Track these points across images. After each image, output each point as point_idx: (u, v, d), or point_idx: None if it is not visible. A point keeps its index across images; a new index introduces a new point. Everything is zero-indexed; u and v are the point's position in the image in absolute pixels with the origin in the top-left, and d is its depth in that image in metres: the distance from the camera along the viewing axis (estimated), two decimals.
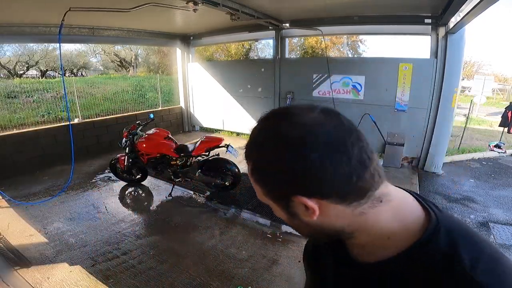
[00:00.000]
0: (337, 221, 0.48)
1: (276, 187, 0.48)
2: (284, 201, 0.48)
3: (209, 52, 17.33)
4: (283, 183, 0.46)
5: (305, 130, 0.44)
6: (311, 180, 0.44)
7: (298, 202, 0.46)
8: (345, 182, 0.43)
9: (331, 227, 0.49)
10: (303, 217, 0.48)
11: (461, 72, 4.67)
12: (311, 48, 15.39)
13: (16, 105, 7.66)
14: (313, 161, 0.42)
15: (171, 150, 3.92)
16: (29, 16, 4.23)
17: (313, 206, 0.45)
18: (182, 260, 2.67)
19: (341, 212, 0.47)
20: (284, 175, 0.45)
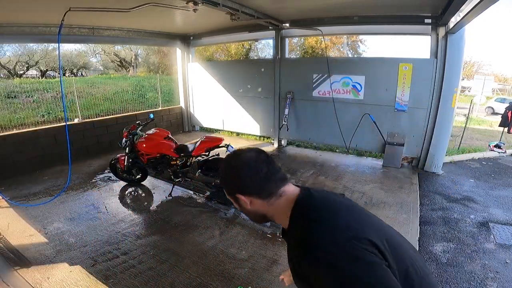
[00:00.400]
0: (260, 209, 0.93)
1: (230, 190, 0.94)
2: (234, 197, 0.93)
3: (209, 52, 17.34)
4: (232, 188, 0.93)
5: (240, 161, 0.92)
6: (242, 186, 0.90)
7: (239, 197, 0.91)
8: (258, 187, 0.89)
9: (260, 213, 0.94)
10: (245, 206, 0.93)
11: (461, 72, 4.67)
12: (311, 48, 15.40)
13: (16, 105, 7.66)
14: (242, 176, 0.89)
15: (171, 150, 3.92)
16: (29, 16, 4.23)
17: (245, 200, 0.91)
18: (182, 260, 2.67)
19: (260, 204, 0.91)
20: (232, 184, 0.94)
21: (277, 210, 0.91)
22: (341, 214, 0.84)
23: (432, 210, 3.76)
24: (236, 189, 0.91)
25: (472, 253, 2.86)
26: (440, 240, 3.09)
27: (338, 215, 0.82)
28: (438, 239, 3.11)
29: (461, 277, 2.51)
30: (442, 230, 3.28)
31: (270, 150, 6.38)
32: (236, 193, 0.91)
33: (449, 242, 3.05)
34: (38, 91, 8.36)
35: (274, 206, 0.90)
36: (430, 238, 3.13)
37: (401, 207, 3.73)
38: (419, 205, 3.84)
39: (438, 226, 3.37)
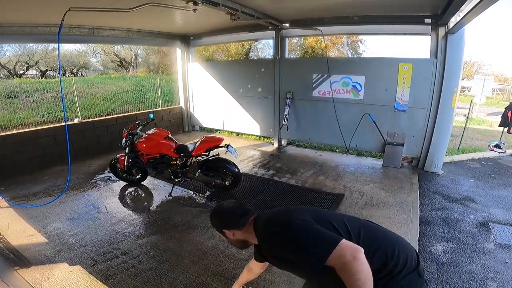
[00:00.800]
0: (240, 237, 1.46)
1: (218, 228, 1.50)
2: (222, 232, 1.48)
3: (209, 52, 17.35)
4: (219, 226, 1.49)
5: (223, 209, 1.53)
6: (227, 224, 1.46)
7: (225, 232, 1.46)
8: (237, 223, 1.44)
9: (240, 240, 1.48)
10: (231, 238, 1.47)
11: (461, 72, 4.67)
12: (311, 48, 15.40)
13: (16, 105, 7.66)
14: (226, 219, 1.48)
15: (171, 150, 3.92)
16: (29, 16, 4.23)
17: (230, 233, 1.46)
18: (182, 260, 2.67)
19: (240, 233, 1.45)
20: (220, 224, 1.49)
21: (249, 233, 1.41)
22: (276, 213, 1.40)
23: (432, 210, 3.76)
24: (223, 227, 1.45)
25: (472, 253, 2.86)
26: (440, 240, 3.09)
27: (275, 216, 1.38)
28: (438, 239, 3.11)
29: (461, 277, 2.51)
30: (442, 230, 3.28)
31: (270, 150, 6.38)
32: (223, 229, 1.45)
33: (449, 242, 3.05)
34: (38, 91, 8.37)
35: (248, 232, 1.41)
36: (430, 238, 3.13)
37: (401, 207, 3.73)
38: (419, 205, 3.84)
39: (438, 226, 3.37)
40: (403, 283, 1.16)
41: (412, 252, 1.25)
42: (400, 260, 1.18)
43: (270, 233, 1.28)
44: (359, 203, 3.84)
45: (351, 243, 1.07)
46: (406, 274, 1.17)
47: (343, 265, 1.02)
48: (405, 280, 1.16)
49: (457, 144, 6.66)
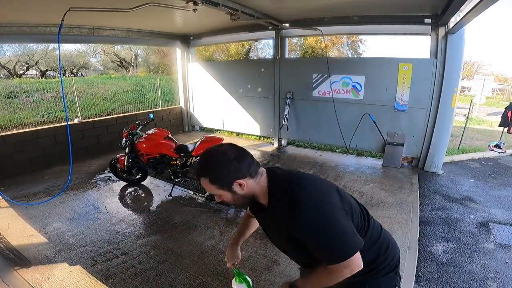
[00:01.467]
0: (251, 190, 1.07)
1: (226, 180, 1.03)
2: (229, 186, 1.04)
3: (209, 52, 17.34)
4: (228, 176, 1.02)
5: (227, 154, 1.03)
6: (238, 171, 1.02)
7: (236, 183, 1.04)
8: (249, 169, 1.05)
9: (250, 194, 1.08)
10: (239, 192, 1.06)
11: (461, 72, 4.67)
12: (311, 48, 15.39)
13: (16, 105, 7.66)
14: (235, 164, 1.02)
15: (171, 150, 3.92)
16: (29, 16, 4.23)
17: (243, 182, 1.04)
18: (182, 260, 2.67)
19: (252, 184, 1.06)
20: (228, 173, 1.02)
21: (260, 188, 1.09)
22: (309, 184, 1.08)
23: (432, 210, 3.76)
24: (234, 176, 1.03)
25: (472, 253, 2.86)
26: (440, 240, 3.09)
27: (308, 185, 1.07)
28: (438, 239, 3.11)
29: (461, 277, 2.51)
30: (442, 230, 3.28)
31: (270, 150, 6.38)
32: (234, 180, 1.03)
33: (449, 242, 3.05)
34: (38, 91, 8.37)
35: (259, 184, 1.09)
36: (430, 238, 3.13)
37: (401, 207, 3.73)
38: (419, 205, 3.84)
39: (438, 226, 3.37)
40: (382, 280, 1.18)
41: (398, 251, 1.28)
42: (389, 257, 1.20)
43: (291, 206, 1.00)
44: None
45: (359, 258, 1.01)
46: (388, 272, 1.19)
47: (337, 272, 1.01)
48: (385, 277, 1.19)
49: (457, 144, 6.66)
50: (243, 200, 1.10)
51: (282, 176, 1.10)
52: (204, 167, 1.05)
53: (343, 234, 0.98)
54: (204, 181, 1.05)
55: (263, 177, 1.09)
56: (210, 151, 1.07)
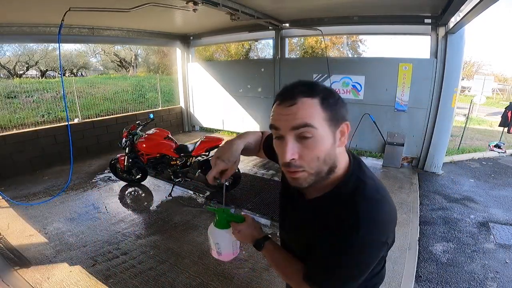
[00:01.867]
0: (339, 154, 0.73)
1: (339, 114, 0.70)
2: (337, 125, 0.70)
3: (209, 52, 17.34)
4: (344, 112, 0.71)
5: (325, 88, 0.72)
6: (347, 113, 0.72)
7: (343, 126, 0.71)
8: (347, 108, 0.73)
9: (331, 160, 0.71)
10: (336, 142, 0.71)
11: (461, 72, 4.67)
12: (311, 48, 15.38)
13: (16, 105, 7.67)
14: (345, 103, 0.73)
15: (171, 150, 3.92)
16: (29, 16, 4.23)
17: (346, 131, 0.72)
18: (182, 260, 2.67)
19: (340, 150, 0.74)
20: (345, 106, 0.72)
21: (340, 162, 0.75)
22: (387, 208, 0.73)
23: (432, 210, 3.76)
24: (346, 114, 0.72)
25: (472, 253, 2.86)
26: (440, 240, 3.09)
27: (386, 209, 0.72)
28: (438, 239, 3.11)
29: (461, 277, 2.51)
30: (442, 230, 3.29)
31: None
32: (344, 120, 0.71)
33: (449, 242, 3.05)
34: (38, 91, 8.37)
35: (341, 156, 0.75)
36: (430, 238, 3.13)
37: (401, 207, 3.72)
38: (419, 205, 3.84)
39: (438, 226, 3.37)
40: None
41: None
42: None
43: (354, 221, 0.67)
44: None
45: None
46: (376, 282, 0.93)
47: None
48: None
49: (457, 144, 6.66)
50: (328, 161, 0.71)
51: (368, 174, 0.77)
52: (314, 85, 0.70)
53: (352, 274, 0.72)
54: (309, 102, 0.67)
55: (346, 155, 0.78)
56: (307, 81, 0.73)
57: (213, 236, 1.08)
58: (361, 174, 0.76)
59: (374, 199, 0.72)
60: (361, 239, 0.67)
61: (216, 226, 1.06)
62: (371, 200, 0.71)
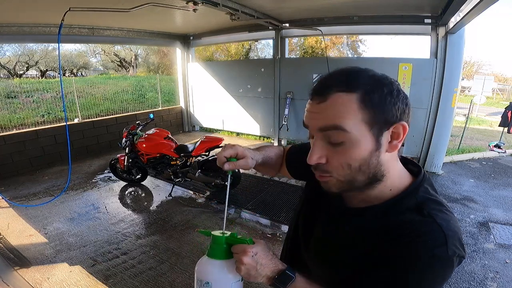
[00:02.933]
0: (390, 161, 0.59)
1: (390, 113, 0.54)
2: (384, 127, 0.55)
3: (209, 52, 17.34)
4: (399, 110, 0.55)
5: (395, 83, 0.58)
6: (407, 113, 0.57)
7: (398, 127, 0.56)
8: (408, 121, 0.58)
9: (372, 168, 0.57)
10: (384, 148, 0.57)
11: (461, 72, 4.67)
12: (311, 48, 15.39)
13: (16, 105, 7.67)
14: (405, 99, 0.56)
15: (171, 150, 3.92)
16: (29, 16, 4.23)
17: (402, 133, 0.56)
18: (182, 260, 2.67)
19: (390, 156, 0.59)
20: (402, 102, 0.55)
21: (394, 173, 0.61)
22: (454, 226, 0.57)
23: None
24: (401, 116, 0.56)
25: (472, 253, 2.86)
26: None
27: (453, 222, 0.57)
28: None
29: (461, 277, 2.51)
30: None
31: None
32: (399, 121, 0.56)
33: None
34: (38, 91, 8.37)
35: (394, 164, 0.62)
36: None
37: None
38: None
39: None
40: None
41: None
42: None
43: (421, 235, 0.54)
44: None
45: None
46: None
47: None
48: None
49: (457, 144, 6.66)
50: (366, 170, 0.57)
51: (431, 187, 0.63)
52: (356, 75, 0.57)
53: None
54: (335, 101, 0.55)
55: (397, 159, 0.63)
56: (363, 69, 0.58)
57: (203, 273, 0.64)
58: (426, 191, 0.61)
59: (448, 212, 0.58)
60: (444, 254, 0.54)
61: (210, 256, 0.65)
62: (447, 213, 0.57)
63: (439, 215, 0.56)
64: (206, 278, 0.63)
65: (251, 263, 0.59)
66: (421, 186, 0.61)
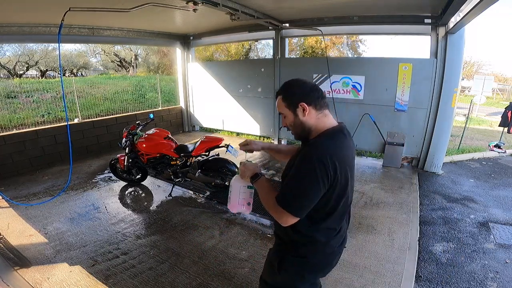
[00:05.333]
0: (310, 120, 1.21)
1: (294, 100, 1.20)
2: (294, 107, 1.20)
3: (209, 52, 17.34)
4: (298, 97, 1.19)
5: (306, 81, 1.24)
6: (307, 96, 1.19)
7: (301, 106, 1.18)
8: (316, 100, 1.20)
9: (308, 125, 1.21)
10: (300, 116, 1.20)
11: (461, 72, 4.67)
12: (311, 48, 15.39)
13: (16, 105, 7.67)
14: (309, 90, 1.21)
15: (171, 150, 3.92)
16: (29, 16, 4.23)
17: (306, 107, 1.18)
18: (182, 260, 2.67)
19: (313, 115, 1.20)
20: (299, 94, 1.19)
21: (318, 125, 1.21)
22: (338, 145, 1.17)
23: (432, 210, 3.76)
24: (302, 98, 1.19)
25: (472, 253, 2.86)
26: (440, 240, 3.09)
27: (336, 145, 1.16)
28: (438, 239, 3.11)
29: (461, 277, 2.52)
30: (442, 230, 3.29)
31: None
32: (300, 102, 1.18)
33: (449, 242, 3.05)
34: (38, 91, 8.38)
35: (319, 121, 1.22)
36: (430, 238, 3.13)
37: (401, 207, 3.73)
38: (419, 205, 3.84)
39: (438, 226, 3.37)
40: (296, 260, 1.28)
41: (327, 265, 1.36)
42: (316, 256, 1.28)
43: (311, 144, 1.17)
44: (359, 203, 3.84)
45: (289, 218, 1.13)
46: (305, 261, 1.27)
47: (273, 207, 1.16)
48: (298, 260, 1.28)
49: (457, 144, 6.66)
50: (300, 127, 1.22)
51: (339, 130, 1.22)
52: (283, 86, 1.24)
53: (300, 192, 1.10)
54: (279, 99, 1.25)
55: (325, 118, 1.23)
56: (294, 79, 1.26)
57: (231, 185, 1.44)
58: (326, 140, 1.17)
59: (323, 140, 1.17)
60: (314, 157, 1.09)
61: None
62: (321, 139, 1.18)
63: (319, 141, 1.17)
64: (230, 187, 1.45)
65: (243, 168, 1.37)
66: (327, 132, 1.19)
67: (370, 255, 2.74)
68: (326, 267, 1.35)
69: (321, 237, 1.22)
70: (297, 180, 1.12)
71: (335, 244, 1.28)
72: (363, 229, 3.20)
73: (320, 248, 1.25)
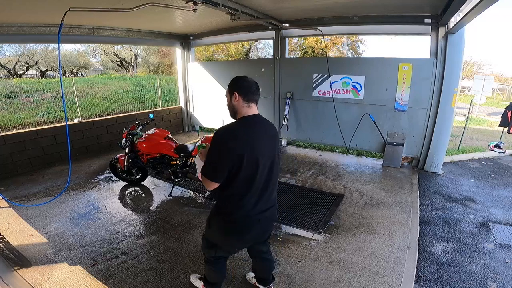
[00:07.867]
0: (238, 106, 1.63)
1: (233, 87, 1.63)
2: (231, 92, 1.63)
3: (209, 52, 17.35)
4: (235, 86, 1.63)
5: (246, 79, 1.66)
6: (241, 89, 1.62)
7: (235, 94, 1.61)
8: (246, 93, 1.61)
9: (236, 108, 1.64)
10: (232, 101, 1.63)
11: (461, 72, 4.67)
12: (311, 48, 15.40)
13: (16, 105, 7.67)
14: (244, 84, 1.64)
15: (171, 150, 3.92)
16: (29, 16, 4.23)
17: (237, 96, 1.61)
18: (182, 260, 2.67)
19: (240, 103, 1.62)
20: (235, 85, 1.64)
21: (241, 112, 1.62)
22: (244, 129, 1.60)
23: (432, 210, 3.76)
24: (237, 89, 1.60)
25: (472, 253, 2.86)
26: (440, 240, 3.09)
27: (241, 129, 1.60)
28: (438, 239, 3.11)
29: (461, 277, 2.52)
30: (442, 230, 3.29)
31: None
32: (234, 91, 1.60)
33: (449, 242, 3.05)
34: (38, 91, 8.38)
35: (242, 109, 1.62)
36: (430, 238, 3.13)
37: (401, 207, 3.73)
38: (419, 205, 3.84)
39: (438, 226, 3.37)
40: (219, 218, 1.76)
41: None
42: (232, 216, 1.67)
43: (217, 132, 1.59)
44: (359, 203, 3.84)
45: (211, 184, 1.56)
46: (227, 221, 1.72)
47: None
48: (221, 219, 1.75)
49: (457, 144, 6.66)
50: (231, 108, 1.66)
51: (251, 118, 1.64)
52: (233, 79, 1.65)
53: (211, 162, 1.56)
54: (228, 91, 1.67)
55: (248, 109, 1.62)
56: (242, 76, 1.67)
57: (195, 163, 1.95)
58: (235, 123, 1.63)
59: (233, 124, 1.62)
60: (214, 140, 1.54)
61: None
62: (233, 123, 1.63)
63: (230, 124, 1.61)
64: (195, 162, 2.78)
65: (198, 154, 1.85)
66: (241, 118, 1.62)
67: (370, 255, 2.74)
68: (244, 230, 1.70)
69: (228, 201, 1.65)
70: (209, 153, 1.57)
71: (247, 209, 1.63)
72: (363, 229, 3.21)
73: (232, 210, 1.65)
